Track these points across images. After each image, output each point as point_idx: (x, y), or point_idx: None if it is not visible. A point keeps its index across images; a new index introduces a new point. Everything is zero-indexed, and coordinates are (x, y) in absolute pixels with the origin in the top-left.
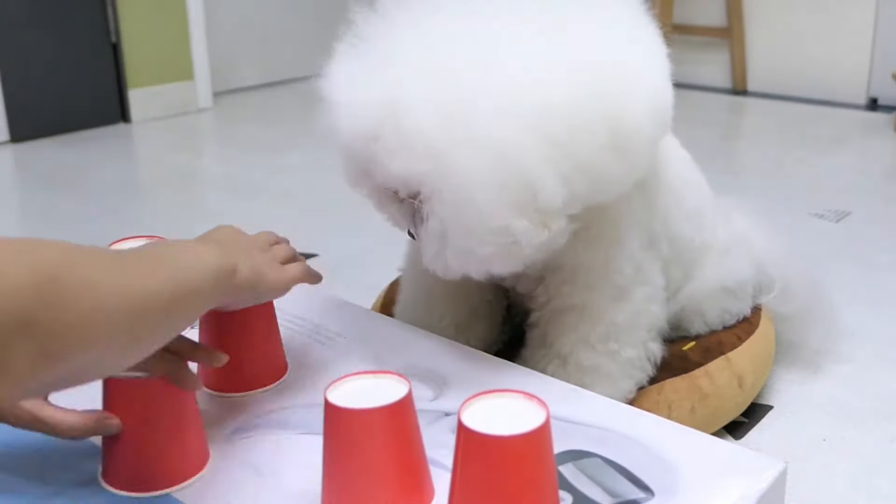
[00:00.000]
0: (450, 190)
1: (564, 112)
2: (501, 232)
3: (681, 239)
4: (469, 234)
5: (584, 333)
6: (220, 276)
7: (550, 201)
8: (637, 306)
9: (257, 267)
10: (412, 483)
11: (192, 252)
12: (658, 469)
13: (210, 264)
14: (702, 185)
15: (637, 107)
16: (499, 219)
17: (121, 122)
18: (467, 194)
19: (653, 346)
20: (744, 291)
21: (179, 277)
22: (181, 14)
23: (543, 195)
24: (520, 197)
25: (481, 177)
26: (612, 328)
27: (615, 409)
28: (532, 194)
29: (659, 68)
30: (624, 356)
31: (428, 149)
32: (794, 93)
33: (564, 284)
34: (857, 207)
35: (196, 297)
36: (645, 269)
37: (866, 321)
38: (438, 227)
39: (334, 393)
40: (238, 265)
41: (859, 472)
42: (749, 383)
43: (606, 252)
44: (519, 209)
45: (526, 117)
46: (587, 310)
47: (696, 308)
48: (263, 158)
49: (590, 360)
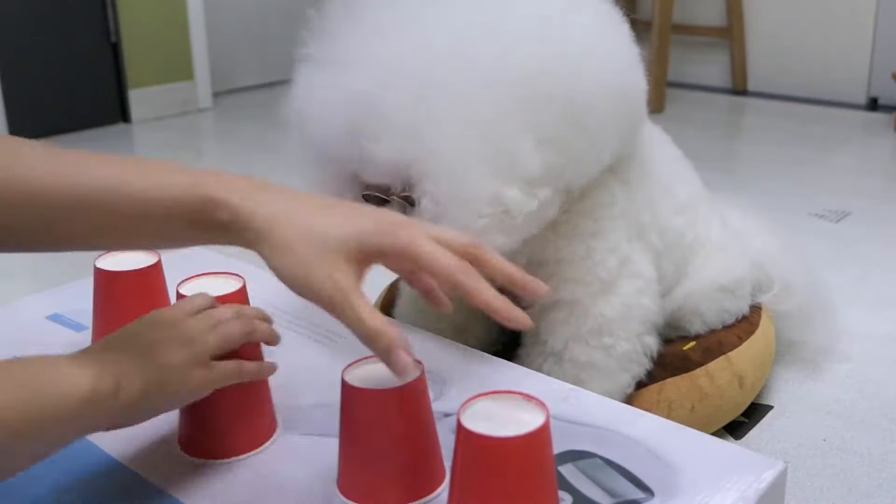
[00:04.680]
0: (439, 166)
1: (531, 82)
2: (493, 201)
3: (671, 232)
4: (463, 207)
5: (574, 329)
6: (94, 398)
7: (529, 167)
8: (626, 299)
9: (157, 377)
10: (425, 464)
11: (55, 372)
12: (658, 469)
13: (80, 386)
14: (693, 181)
15: (591, 85)
16: (488, 187)
17: (121, 122)
18: (456, 167)
19: (648, 339)
20: (741, 289)
21: (30, 402)
22: (181, 14)
23: (522, 161)
24: (503, 165)
25: (466, 149)
26: (603, 322)
27: (615, 409)
28: (513, 163)
29: (623, 55)
30: (619, 350)
31: (411, 129)
32: (794, 93)
33: (551, 279)
34: (857, 207)
35: (56, 424)
36: (632, 262)
37: (866, 321)
38: (433, 208)
39: (351, 375)
40: (121, 381)
41: (859, 472)
42: (749, 383)
43: (587, 245)
44: (505, 177)
45: (499, 88)
46: (575, 304)
47: (694, 308)
48: (263, 158)
49: (584, 355)
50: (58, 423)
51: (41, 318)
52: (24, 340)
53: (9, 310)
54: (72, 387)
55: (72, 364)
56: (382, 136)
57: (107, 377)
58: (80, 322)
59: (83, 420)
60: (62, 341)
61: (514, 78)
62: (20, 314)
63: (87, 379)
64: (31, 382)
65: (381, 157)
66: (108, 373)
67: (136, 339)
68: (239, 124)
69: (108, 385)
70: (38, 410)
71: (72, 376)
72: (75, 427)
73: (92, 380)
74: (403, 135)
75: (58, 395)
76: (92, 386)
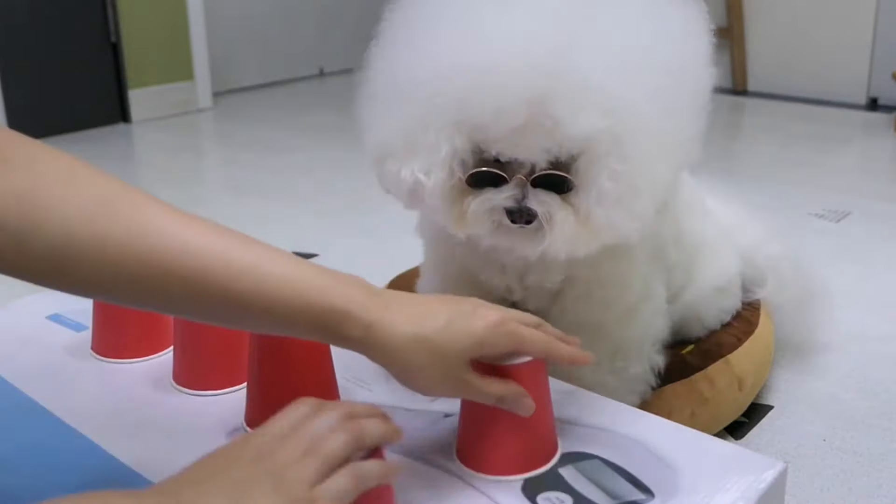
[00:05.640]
0: (636, 143)
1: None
2: (668, 188)
3: (685, 238)
4: (643, 191)
5: (592, 351)
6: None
7: (692, 158)
8: (645, 320)
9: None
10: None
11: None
12: (658, 470)
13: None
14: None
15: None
16: (666, 174)
17: (121, 122)
18: (651, 147)
19: (656, 357)
20: (734, 287)
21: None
22: (181, 14)
23: (692, 151)
24: (678, 154)
25: (659, 131)
26: (621, 345)
27: (615, 409)
28: (685, 151)
29: None
30: (630, 373)
31: (614, 101)
32: (794, 93)
33: (580, 301)
34: (857, 207)
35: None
36: (650, 283)
37: (866, 321)
38: (613, 188)
39: None
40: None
41: (859, 472)
42: (749, 384)
43: (622, 266)
44: (674, 166)
45: (682, 78)
46: (599, 327)
47: (695, 314)
48: (263, 158)
49: (595, 378)
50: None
51: (41, 318)
52: (24, 340)
53: (9, 310)
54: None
55: None
56: (581, 102)
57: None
58: (80, 322)
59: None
60: (62, 341)
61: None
62: (20, 314)
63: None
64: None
65: (573, 126)
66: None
67: (220, 477)
68: (239, 124)
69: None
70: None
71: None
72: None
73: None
74: (604, 102)
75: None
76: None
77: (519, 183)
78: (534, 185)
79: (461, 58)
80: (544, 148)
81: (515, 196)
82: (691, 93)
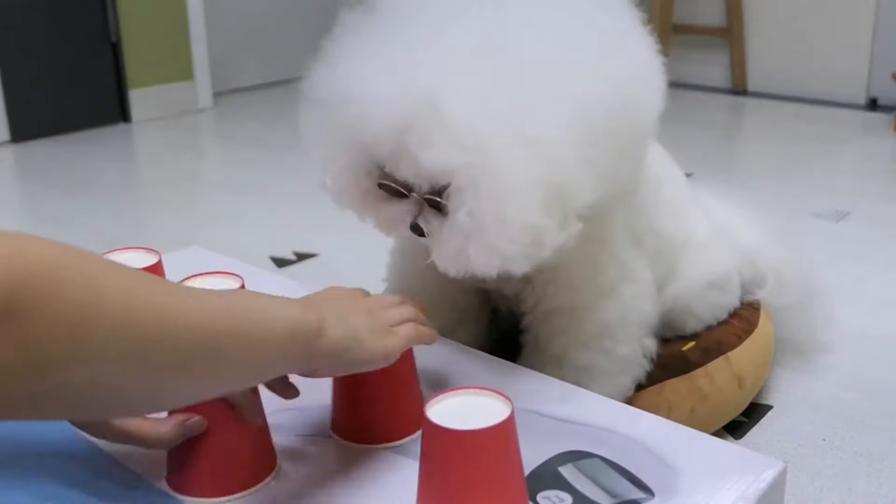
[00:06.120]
0: (490, 183)
1: (600, 114)
2: (531, 229)
3: (663, 233)
4: (501, 230)
5: (575, 333)
6: (297, 333)
7: (582, 201)
8: (626, 303)
9: (353, 332)
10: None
11: (267, 299)
12: (658, 469)
13: (289, 316)
14: (677, 177)
15: (652, 112)
16: (531, 215)
17: (121, 122)
18: (508, 188)
19: (647, 341)
20: (730, 283)
21: (237, 316)
22: (181, 14)
23: (577, 195)
24: (553, 196)
25: (523, 171)
26: (603, 326)
27: (615, 409)
28: (564, 194)
29: (658, 74)
30: (619, 353)
31: (470, 140)
32: (794, 93)
33: (549, 285)
34: (857, 207)
35: (262, 347)
36: (631, 267)
37: (866, 321)
38: (467, 223)
39: (433, 410)
40: (326, 327)
41: (859, 472)
42: (749, 383)
43: (590, 251)
44: (549, 208)
45: (567, 116)
46: (575, 310)
47: (686, 307)
48: (263, 158)
49: (585, 359)
50: (265, 347)
51: None
52: None
53: None
54: (281, 312)
55: (277, 298)
56: (438, 140)
57: (312, 315)
58: None
59: (287, 352)
60: None
61: (582, 106)
62: None
63: (295, 310)
64: (240, 301)
65: (429, 160)
66: (313, 313)
67: (327, 302)
68: (239, 124)
69: (313, 322)
70: (243, 327)
71: (284, 306)
72: (277, 357)
73: (299, 313)
74: (460, 143)
75: (267, 318)
76: (299, 317)
77: (416, 200)
78: (427, 203)
79: (354, 84)
80: (414, 174)
81: (412, 212)
82: (604, 129)
